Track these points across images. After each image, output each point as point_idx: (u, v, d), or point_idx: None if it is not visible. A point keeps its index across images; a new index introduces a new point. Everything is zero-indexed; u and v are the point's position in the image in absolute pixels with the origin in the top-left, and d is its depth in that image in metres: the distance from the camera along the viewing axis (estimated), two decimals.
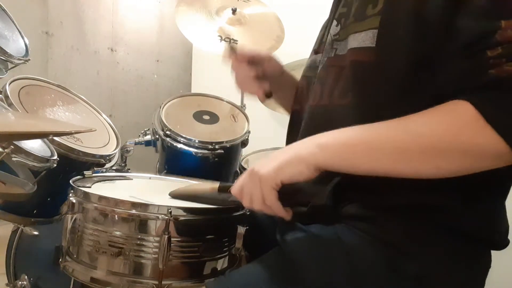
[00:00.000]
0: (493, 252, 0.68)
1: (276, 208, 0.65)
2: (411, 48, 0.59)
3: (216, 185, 0.78)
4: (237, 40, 1.80)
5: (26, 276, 1.10)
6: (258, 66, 0.94)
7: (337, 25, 0.75)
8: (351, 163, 0.60)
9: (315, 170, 0.61)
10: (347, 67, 0.68)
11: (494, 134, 0.51)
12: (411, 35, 0.59)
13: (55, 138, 1.10)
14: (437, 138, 0.54)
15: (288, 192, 0.64)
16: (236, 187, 0.69)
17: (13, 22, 1.35)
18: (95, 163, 1.22)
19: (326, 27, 0.82)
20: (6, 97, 1.11)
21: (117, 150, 1.35)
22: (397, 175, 0.58)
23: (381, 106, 0.63)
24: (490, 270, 0.68)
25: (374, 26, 0.62)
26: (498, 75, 0.51)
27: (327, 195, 0.67)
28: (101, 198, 0.77)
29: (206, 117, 1.70)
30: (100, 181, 0.95)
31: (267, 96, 0.94)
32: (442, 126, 0.54)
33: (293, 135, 0.83)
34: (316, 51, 0.84)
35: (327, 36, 0.78)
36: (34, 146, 1.00)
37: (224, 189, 0.76)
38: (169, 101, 1.72)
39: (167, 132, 1.54)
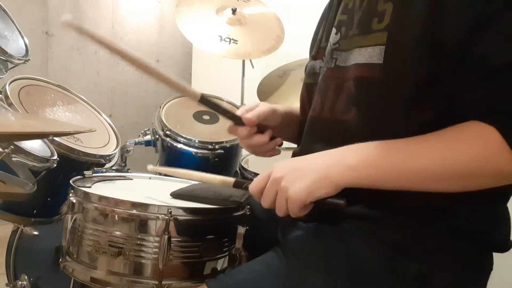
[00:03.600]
0: (494, 254, 0.68)
1: (298, 216, 0.64)
2: (419, 66, 0.59)
3: (229, 179, 0.75)
4: (237, 40, 1.80)
5: (26, 276, 1.10)
6: (266, 127, 0.85)
7: (336, 33, 0.73)
8: (380, 185, 0.61)
9: (341, 189, 0.62)
10: (350, 81, 0.67)
11: None
12: (421, 53, 0.58)
13: (55, 138, 1.10)
14: (466, 165, 0.56)
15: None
16: (255, 188, 0.67)
17: (13, 22, 1.35)
18: (95, 163, 1.22)
19: (323, 31, 0.81)
20: (6, 97, 1.11)
21: (117, 150, 1.35)
22: (422, 191, 0.59)
23: (386, 123, 0.63)
24: (492, 272, 0.68)
25: (381, 42, 0.61)
26: None
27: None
28: (101, 198, 0.77)
29: (206, 117, 1.70)
30: (100, 181, 0.95)
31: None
32: (470, 153, 0.56)
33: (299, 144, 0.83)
34: (314, 57, 0.82)
35: (325, 42, 0.77)
36: (34, 146, 1.00)
37: (240, 185, 0.73)
38: (169, 101, 1.72)
39: (167, 132, 1.55)
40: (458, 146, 0.57)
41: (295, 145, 0.92)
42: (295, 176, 0.62)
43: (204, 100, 0.77)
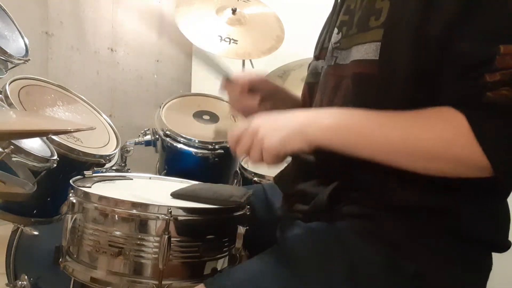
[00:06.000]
0: (494, 254, 0.68)
1: (271, 165, 0.68)
2: (412, 62, 0.59)
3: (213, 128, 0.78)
4: (237, 40, 1.80)
5: (26, 276, 1.10)
6: (257, 91, 0.91)
7: (338, 33, 0.74)
8: (349, 148, 0.62)
9: (314, 147, 0.64)
10: (348, 78, 0.68)
11: (480, 151, 0.54)
12: (412, 49, 0.59)
13: (55, 138, 1.10)
14: (430, 144, 0.57)
15: None
16: (233, 137, 0.70)
17: (13, 22, 1.35)
18: (95, 163, 1.22)
19: (327, 32, 0.81)
20: (6, 97, 1.11)
21: (117, 150, 1.35)
22: (389, 165, 0.60)
23: None
24: (492, 272, 0.68)
25: (377, 39, 0.62)
26: (494, 98, 0.54)
27: (328, 195, 0.67)
28: (101, 198, 0.77)
29: (206, 117, 1.70)
30: (100, 181, 0.95)
31: None
32: (436, 134, 0.57)
33: None
34: (317, 57, 0.83)
35: (328, 42, 0.78)
36: (34, 146, 1.00)
37: (221, 135, 0.77)
38: (169, 101, 1.72)
39: (167, 132, 1.55)
40: (427, 126, 0.58)
41: None
42: (271, 128, 0.66)
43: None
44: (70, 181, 0.86)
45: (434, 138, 0.57)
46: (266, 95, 0.91)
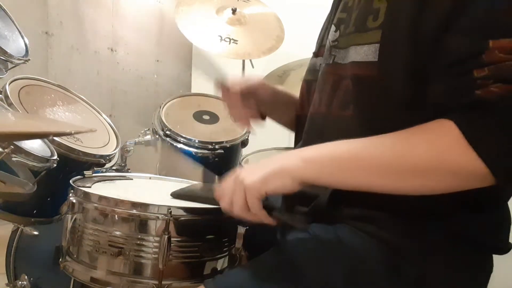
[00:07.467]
0: (495, 256, 0.67)
1: (261, 216, 0.65)
2: (410, 63, 0.58)
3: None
4: (237, 40, 1.80)
5: (26, 276, 1.11)
6: (254, 97, 0.88)
7: (335, 31, 0.74)
8: (335, 178, 0.60)
9: (299, 184, 0.61)
10: (347, 79, 0.67)
11: (476, 156, 0.51)
12: (409, 49, 0.58)
13: (55, 138, 1.10)
14: (420, 158, 0.55)
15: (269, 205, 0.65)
16: (219, 189, 0.68)
17: (13, 22, 1.35)
18: (95, 163, 1.22)
19: (325, 29, 0.81)
20: (6, 97, 1.11)
21: (117, 150, 1.35)
22: (381, 192, 0.58)
23: (384, 120, 0.62)
24: (492, 274, 0.68)
25: (375, 40, 0.61)
26: (483, 96, 0.51)
27: (328, 197, 0.67)
28: (101, 198, 0.77)
29: (206, 117, 1.70)
30: (100, 181, 0.95)
31: (262, 118, 0.91)
32: (424, 146, 0.55)
33: (297, 141, 0.83)
34: (316, 54, 0.83)
35: (327, 40, 0.78)
36: (34, 146, 1.00)
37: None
38: (169, 101, 1.72)
39: (167, 132, 1.55)
40: (415, 139, 0.56)
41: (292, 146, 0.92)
42: (252, 170, 0.64)
43: None
44: (70, 181, 0.86)
45: (425, 151, 0.54)
46: (264, 100, 0.89)
